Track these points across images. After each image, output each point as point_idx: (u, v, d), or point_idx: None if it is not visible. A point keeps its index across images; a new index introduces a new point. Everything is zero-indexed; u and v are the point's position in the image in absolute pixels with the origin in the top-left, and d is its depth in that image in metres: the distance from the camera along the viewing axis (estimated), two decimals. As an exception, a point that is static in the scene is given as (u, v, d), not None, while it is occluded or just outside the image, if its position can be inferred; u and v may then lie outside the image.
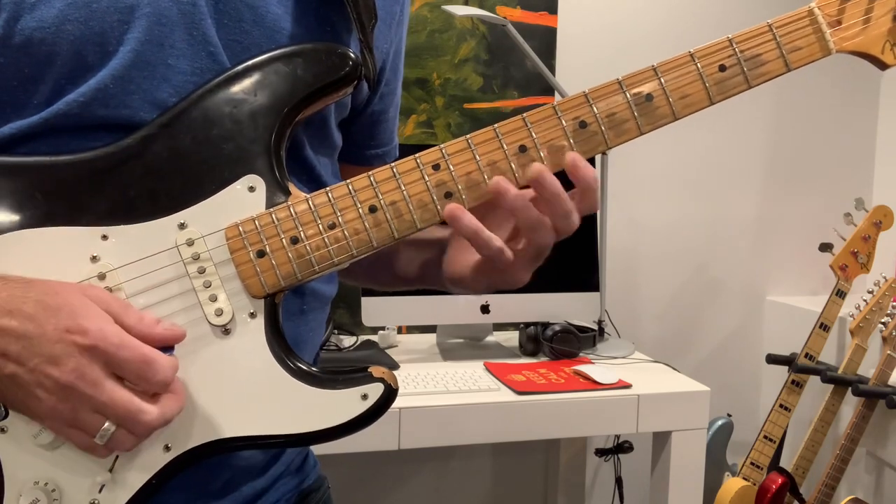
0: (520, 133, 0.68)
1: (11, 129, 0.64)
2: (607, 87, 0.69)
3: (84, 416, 0.58)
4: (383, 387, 0.66)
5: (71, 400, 0.57)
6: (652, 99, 0.69)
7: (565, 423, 1.76)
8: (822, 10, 0.70)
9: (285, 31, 0.70)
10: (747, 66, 0.70)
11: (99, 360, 0.58)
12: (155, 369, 0.59)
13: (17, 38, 0.63)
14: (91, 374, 0.57)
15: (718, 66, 0.69)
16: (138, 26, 0.65)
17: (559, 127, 0.68)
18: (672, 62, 0.69)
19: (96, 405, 0.58)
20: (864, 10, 0.71)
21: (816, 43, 0.70)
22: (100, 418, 0.58)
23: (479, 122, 2.29)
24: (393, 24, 0.81)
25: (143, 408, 0.59)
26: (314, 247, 0.66)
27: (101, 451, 0.60)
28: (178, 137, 0.66)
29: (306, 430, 0.65)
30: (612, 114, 0.68)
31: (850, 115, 2.61)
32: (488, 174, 0.67)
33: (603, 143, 0.69)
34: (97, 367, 0.58)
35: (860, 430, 2.09)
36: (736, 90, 0.70)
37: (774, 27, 0.70)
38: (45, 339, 0.57)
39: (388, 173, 0.67)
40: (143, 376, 0.59)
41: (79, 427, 0.58)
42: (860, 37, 0.71)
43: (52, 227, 0.63)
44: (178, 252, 0.65)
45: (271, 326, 0.66)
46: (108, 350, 0.58)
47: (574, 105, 0.68)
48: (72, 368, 0.57)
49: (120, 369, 0.58)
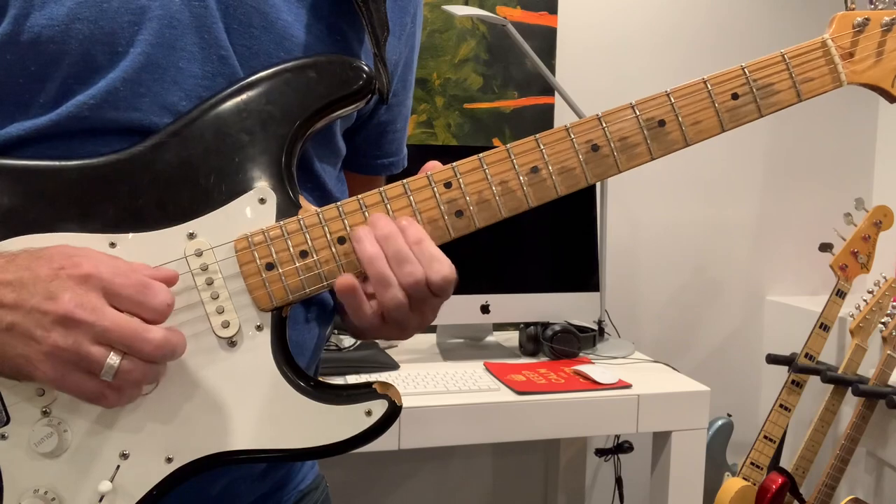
0: (532, 154, 0.68)
1: (18, 130, 0.64)
2: (620, 111, 0.69)
3: (87, 350, 0.56)
4: (388, 403, 0.65)
5: (72, 331, 0.56)
6: (664, 125, 0.69)
7: (565, 423, 1.76)
8: (836, 42, 0.72)
9: (294, 38, 0.70)
10: (760, 95, 0.71)
11: (96, 289, 0.57)
12: (153, 292, 0.58)
13: (25, 36, 0.62)
14: (90, 302, 0.56)
15: (731, 94, 0.70)
16: (149, 28, 0.64)
17: (571, 149, 0.68)
18: (685, 88, 0.70)
19: (98, 332, 0.56)
20: (876, 43, 0.72)
21: (829, 74, 0.71)
22: (103, 350, 0.56)
23: (479, 122, 2.28)
24: (403, 36, 0.80)
25: (148, 327, 0.58)
26: (323, 261, 0.66)
27: (111, 397, 0.58)
28: (189, 146, 0.65)
29: (309, 445, 0.65)
30: (625, 137, 0.69)
31: (850, 115, 2.61)
32: (500, 194, 0.67)
33: (614, 167, 0.69)
34: (95, 295, 0.57)
35: (860, 430, 2.09)
36: (748, 118, 0.71)
37: (787, 56, 0.71)
38: (40, 279, 0.57)
39: (400, 190, 0.67)
40: (140, 301, 0.58)
41: (83, 366, 0.57)
42: (872, 70, 0.72)
43: (59, 232, 0.63)
44: (187, 262, 0.65)
45: (278, 340, 0.66)
46: (104, 277, 0.57)
47: (587, 128, 0.68)
48: (69, 298, 0.56)
49: (117, 297, 0.57)
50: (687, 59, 2.42)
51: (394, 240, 0.64)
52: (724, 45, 2.45)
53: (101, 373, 0.57)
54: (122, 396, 0.59)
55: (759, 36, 2.47)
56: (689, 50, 2.43)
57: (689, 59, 2.42)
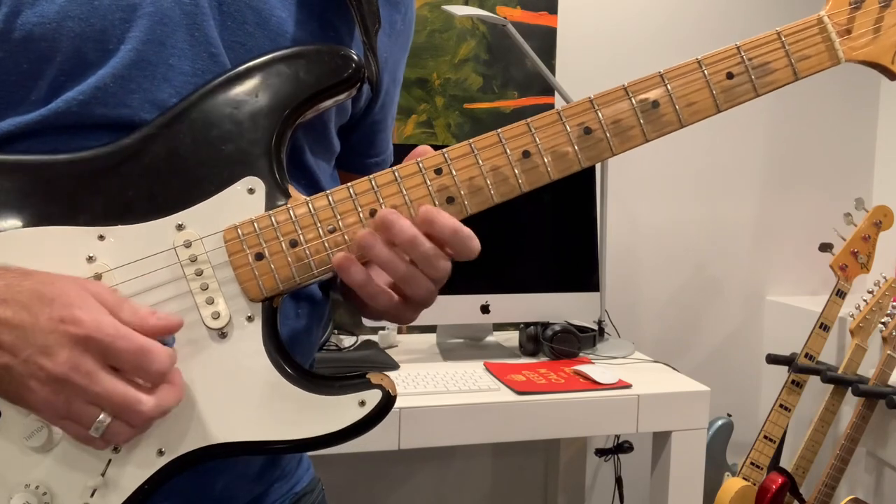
0: (523, 138, 0.67)
1: (9, 126, 0.64)
2: (613, 94, 0.68)
3: (78, 408, 0.56)
4: (381, 393, 0.65)
5: (64, 391, 0.56)
6: (658, 106, 0.68)
7: (565, 423, 1.76)
8: (832, 18, 0.70)
9: (289, 34, 0.70)
10: (755, 74, 0.69)
11: (93, 351, 0.56)
12: (151, 359, 0.58)
13: (17, 33, 0.62)
14: (85, 366, 0.56)
15: (726, 73, 0.69)
16: (140, 25, 0.64)
17: (563, 132, 0.67)
18: (679, 69, 0.69)
19: (91, 397, 0.56)
20: (874, 19, 0.70)
21: (826, 52, 0.70)
22: (95, 410, 0.57)
23: (479, 122, 2.28)
24: (392, 33, 0.80)
25: (140, 398, 0.57)
26: (313, 250, 0.66)
27: (98, 444, 0.59)
28: (178, 138, 0.65)
29: (303, 436, 0.64)
30: (618, 120, 0.68)
31: (850, 115, 2.61)
32: (491, 180, 0.66)
33: (608, 150, 0.68)
34: (91, 359, 0.56)
35: (860, 430, 2.09)
36: (743, 98, 0.70)
37: (783, 35, 0.69)
38: (39, 329, 0.56)
39: (391, 177, 0.66)
40: (139, 366, 0.57)
41: (73, 419, 0.57)
42: (870, 46, 0.70)
43: (48, 226, 0.63)
44: (176, 253, 0.64)
45: (269, 330, 0.65)
46: (104, 340, 0.56)
47: (579, 111, 0.67)
48: (65, 359, 0.56)
49: (116, 360, 0.57)
50: (687, 58, 2.42)
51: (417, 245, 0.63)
52: (724, 44, 2.44)
53: (91, 430, 0.57)
54: (112, 444, 0.61)
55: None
56: (688, 49, 2.42)
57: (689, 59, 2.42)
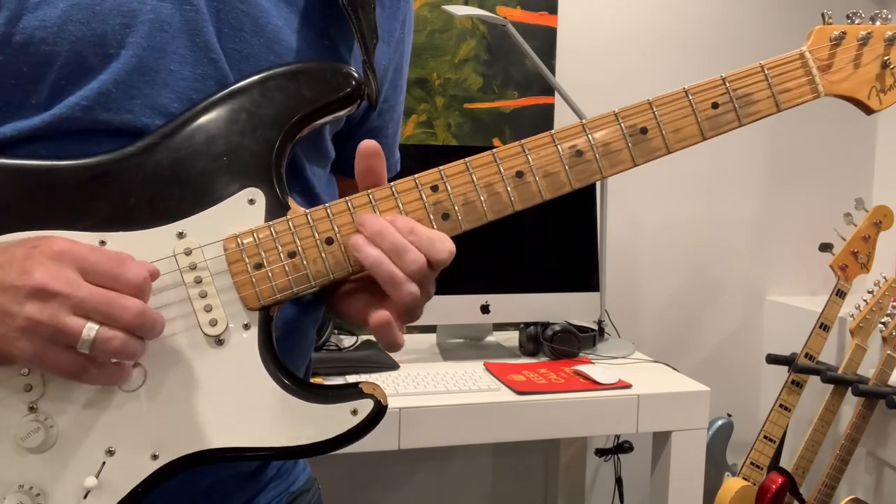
0: (517, 159, 0.70)
1: (12, 130, 0.64)
2: (604, 119, 0.71)
3: (63, 321, 0.56)
4: (373, 403, 0.66)
5: (47, 304, 0.56)
6: (647, 132, 0.71)
7: (565, 423, 1.76)
8: (814, 53, 0.74)
9: (285, 42, 0.71)
10: (739, 105, 0.73)
11: (69, 263, 0.57)
12: (128, 266, 0.58)
13: (17, 37, 0.63)
14: (64, 274, 0.57)
15: (711, 103, 0.72)
16: (140, 31, 0.65)
17: (556, 155, 0.70)
18: (667, 97, 0.72)
19: (74, 303, 0.56)
20: (853, 56, 0.75)
21: (807, 85, 0.74)
22: (80, 320, 0.56)
23: (479, 122, 2.29)
24: (392, 42, 0.81)
25: (124, 296, 0.58)
26: (311, 261, 0.67)
27: (91, 372, 0.58)
28: (180, 147, 0.66)
29: (295, 443, 0.66)
30: (607, 143, 0.71)
31: (850, 115, 2.60)
32: (485, 196, 0.69)
33: (598, 173, 0.71)
34: (69, 269, 0.57)
35: (860, 430, 2.09)
36: (728, 127, 0.73)
37: (766, 68, 0.73)
38: (15, 258, 0.57)
39: (388, 192, 0.68)
40: (116, 275, 0.58)
41: (60, 340, 0.56)
42: (848, 81, 0.75)
43: (50, 230, 0.63)
44: (176, 261, 0.65)
45: (264, 339, 0.67)
46: (78, 253, 0.58)
47: (571, 134, 0.70)
48: (43, 271, 0.56)
49: (92, 273, 0.58)
50: (687, 58, 2.42)
51: (387, 234, 0.65)
52: (723, 44, 2.45)
53: (78, 344, 0.56)
54: (104, 372, 0.59)
55: (758, 34, 2.47)
56: (688, 49, 2.43)
57: (688, 59, 2.42)
